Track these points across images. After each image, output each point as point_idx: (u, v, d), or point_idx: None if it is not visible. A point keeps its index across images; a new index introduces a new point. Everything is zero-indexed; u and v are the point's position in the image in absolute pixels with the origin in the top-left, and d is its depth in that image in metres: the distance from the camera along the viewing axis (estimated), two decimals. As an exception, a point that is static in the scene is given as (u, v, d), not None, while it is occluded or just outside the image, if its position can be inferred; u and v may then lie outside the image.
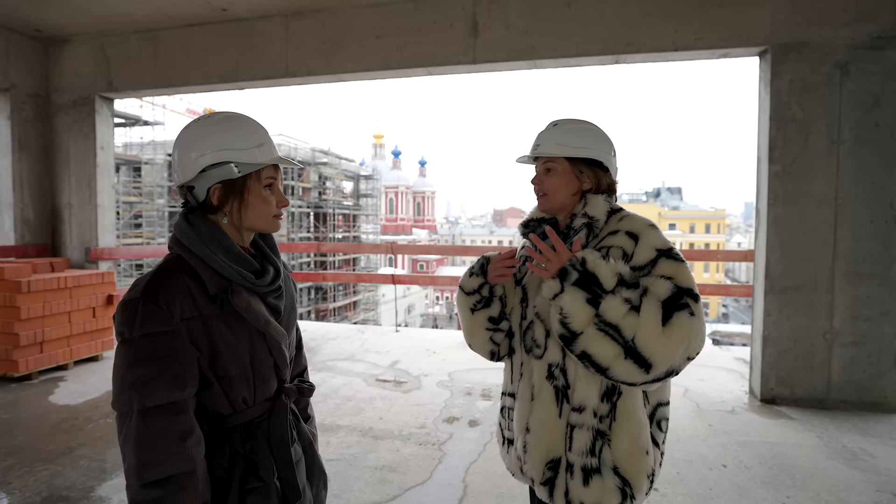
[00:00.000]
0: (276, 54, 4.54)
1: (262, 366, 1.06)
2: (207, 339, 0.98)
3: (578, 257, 1.11)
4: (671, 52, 3.80)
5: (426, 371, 4.49)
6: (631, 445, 1.15)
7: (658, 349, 1.04)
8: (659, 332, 1.04)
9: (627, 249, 1.16)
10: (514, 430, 1.28)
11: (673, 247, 1.16)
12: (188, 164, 1.02)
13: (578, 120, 1.30)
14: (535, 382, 1.23)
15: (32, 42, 5.08)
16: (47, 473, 2.71)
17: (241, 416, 1.04)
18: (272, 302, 1.09)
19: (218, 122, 1.04)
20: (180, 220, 1.05)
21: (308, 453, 1.17)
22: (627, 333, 1.05)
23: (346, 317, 32.91)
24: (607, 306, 1.06)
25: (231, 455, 1.02)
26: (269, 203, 1.06)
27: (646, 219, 1.21)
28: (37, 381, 4.23)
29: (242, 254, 1.04)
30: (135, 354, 0.93)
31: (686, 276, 1.12)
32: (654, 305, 1.06)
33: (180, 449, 0.91)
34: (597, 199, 1.23)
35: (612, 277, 1.08)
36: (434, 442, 3.11)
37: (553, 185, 1.27)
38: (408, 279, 6.13)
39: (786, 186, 3.62)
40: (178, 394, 0.93)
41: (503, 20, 4.05)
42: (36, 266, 4.53)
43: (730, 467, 2.77)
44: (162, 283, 0.97)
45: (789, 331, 3.65)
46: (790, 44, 3.56)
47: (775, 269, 3.66)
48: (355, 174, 37.36)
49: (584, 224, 1.22)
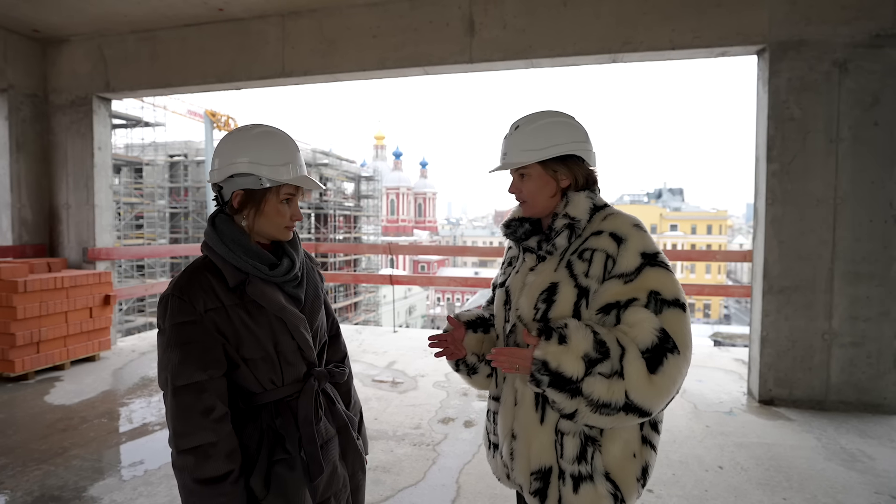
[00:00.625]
0: (272, 54, 4.53)
1: (286, 349, 1.17)
2: (231, 327, 1.11)
3: (538, 360, 1.05)
4: (668, 50, 3.78)
5: (423, 372, 4.47)
6: (623, 450, 1.13)
7: (651, 397, 1.03)
8: (648, 382, 1.02)
9: (611, 252, 1.12)
10: (499, 435, 1.26)
11: (659, 251, 1.13)
12: (221, 168, 1.16)
13: (542, 114, 1.23)
14: (518, 387, 1.21)
15: (30, 42, 5.08)
16: (40, 473, 2.70)
17: (272, 395, 1.17)
18: (291, 291, 1.21)
19: (256, 135, 1.16)
20: (207, 224, 1.19)
21: (343, 435, 1.27)
22: (618, 400, 1.02)
23: (347, 318, 32.90)
24: (588, 390, 1.03)
25: (261, 429, 1.15)
26: (282, 216, 1.18)
27: (631, 217, 1.17)
28: (33, 381, 4.22)
29: (259, 249, 1.17)
30: (167, 342, 1.10)
31: (672, 286, 1.09)
32: (637, 361, 1.03)
33: (204, 423, 1.06)
34: (578, 198, 1.19)
35: (578, 365, 1.03)
36: (429, 442, 3.09)
37: (530, 191, 1.23)
38: (406, 279, 6.11)
39: (784, 186, 3.60)
40: (201, 374, 1.07)
41: (499, 19, 4.03)
42: (33, 266, 4.53)
43: (726, 469, 2.75)
44: (186, 280, 1.12)
45: (788, 331, 3.62)
46: (788, 42, 3.54)
47: (773, 269, 3.64)
48: (356, 175, 37.37)
49: (565, 225, 1.18)
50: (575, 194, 1.20)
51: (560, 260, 1.19)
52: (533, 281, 1.21)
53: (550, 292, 1.16)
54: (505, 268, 1.38)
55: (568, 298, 1.14)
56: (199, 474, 1.05)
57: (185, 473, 1.06)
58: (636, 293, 1.08)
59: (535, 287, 1.19)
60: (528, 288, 1.21)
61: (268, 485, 1.12)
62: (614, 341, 1.04)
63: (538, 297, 1.17)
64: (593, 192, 1.23)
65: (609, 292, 1.10)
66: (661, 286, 1.08)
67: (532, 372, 1.06)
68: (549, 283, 1.17)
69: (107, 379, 4.29)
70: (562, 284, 1.15)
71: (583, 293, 1.13)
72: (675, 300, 1.08)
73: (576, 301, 1.13)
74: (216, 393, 1.09)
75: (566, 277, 1.15)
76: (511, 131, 1.24)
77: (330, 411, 1.27)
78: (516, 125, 1.24)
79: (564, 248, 1.19)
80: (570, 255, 1.17)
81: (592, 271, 1.13)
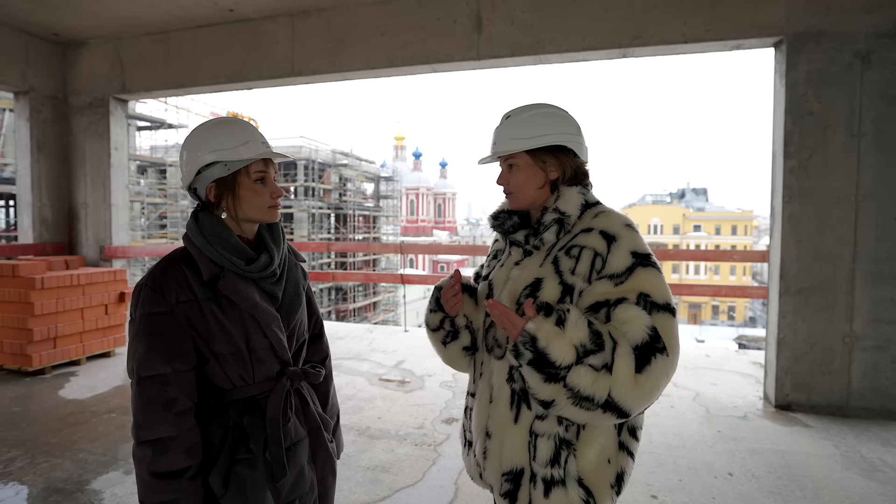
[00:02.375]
0: (282, 54, 4.56)
1: (258, 346, 1.14)
2: (203, 320, 1.09)
3: (528, 333, 0.99)
4: (680, 44, 3.68)
5: (431, 371, 4.44)
6: (598, 455, 1.08)
7: (634, 399, 0.97)
8: (633, 382, 0.97)
9: (600, 251, 1.07)
10: (473, 432, 1.22)
11: (651, 252, 1.08)
12: (186, 168, 1.15)
13: (533, 105, 1.20)
14: (495, 384, 1.16)
15: (51, 46, 5.22)
16: (47, 466, 2.75)
17: (241, 392, 1.14)
18: (268, 287, 1.18)
19: (207, 127, 1.16)
20: (190, 217, 1.18)
21: (314, 437, 1.24)
22: (601, 396, 0.97)
23: (366, 317, 33.10)
24: (574, 381, 0.97)
25: (227, 426, 1.12)
26: (260, 195, 1.15)
27: (623, 216, 1.13)
28: (49, 376, 4.32)
29: (238, 243, 1.14)
30: (136, 331, 1.09)
31: (663, 289, 1.04)
32: (627, 357, 0.97)
33: (164, 416, 1.04)
34: (570, 193, 1.15)
35: (568, 352, 0.97)
36: (430, 443, 3.05)
37: (518, 182, 1.18)
38: (417, 279, 6.09)
39: (802, 183, 3.46)
40: (165, 367, 1.06)
41: (507, 15, 3.98)
42: (51, 263, 4.64)
43: (736, 476, 2.65)
44: (161, 271, 1.11)
45: (806, 334, 3.48)
46: (807, 33, 3.40)
47: (790, 269, 3.50)
48: (376, 176, 37.58)
49: (554, 220, 1.13)
50: (567, 189, 1.16)
51: (546, 255, 1.15)
52: (517, 276, 1.17)
53: (534, 288, 1.11)
54: (490, 261, 1.34)
55: (551, 295, 1.09)
56: (156, 467, 1.03)
57: (142, 465, 1.05)
58: (626, 294, 1.03)
59: (518, 282, 1.15)
60: (511, 282, 1.17)
61: (227, 483, 1.09)
62: (608, 334, 1.00)
63: (521, 292, 1.13)
64: (585, 187, 1.19)
65: (598, 292, 1.06)
66: (652, 289, 1.03)
67: (517, 342, 1.01)
68: (534, 278, 1.13)
69: (120, 375, 4.37)
70: (546, 280, 1.11)
71: (567, 290, 1.09)
72: (666, 304, 1.03)
73: (559, 298, 1.09)
74: (180, 386, 1.07)
75: (551, 273, 1.11)
76: (502, 121, 1.21)
77: (303, 412, 1.24)
78: (507, 115, 1.21)
79: (552, 243, 1.14)
80: (557, 251, 1.13)
81: (579, 269, 1.08)
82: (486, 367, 1.21)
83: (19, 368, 4.33)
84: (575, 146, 1.17)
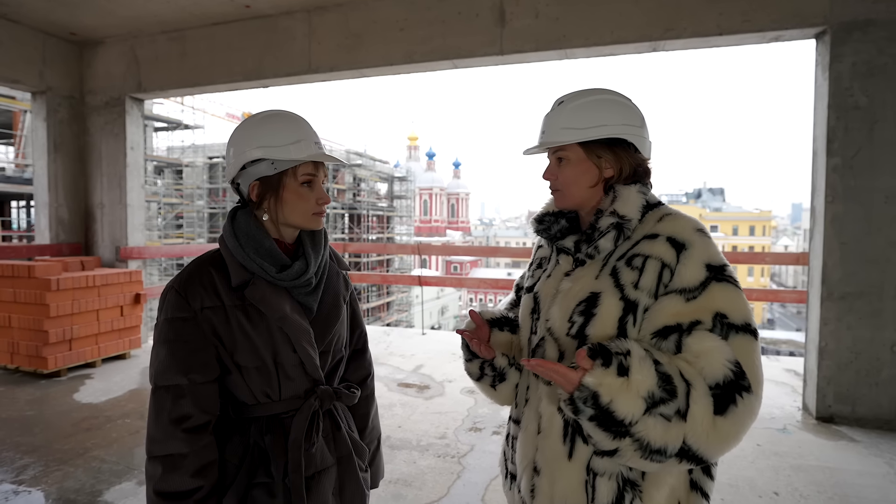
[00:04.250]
0: (298, 50, 4.46)
1: (287, 362, 1.04)
2: (228, 329, 1.01)
3: (588, 389, 0.83)
4: (715, 36, 3.50)
5: (451, 377, 4.31)
6: (668, 498, 0.93)
7: (715, 445, 0.83)
8: (712, 426, 0.82)
9: (668, 261, 0.92)
10: (518, 465, 1.06)
11: (727, 263, 0.92)
12: (232, 162, 1.07)
13: (590, 90, 1.04)
14: (544, 413, 1.01)
15: (68, 45, 5.18)
16: (59, 475, 2.67)
17: (265, 409, 1.05)
18: (301, 298, 1.08)
19: (260, 119, 1.06)
20: (227, 217, 1.10)
21: (344, 466, 1.12)
22: (674, 446, 0.82)
23: (379, 317, 33.08)
24: (642, 433, 0.82)
25: (247, 444, 1.04)
26: (305, 200, 1.06)
27: (693, 220, 0.97)
28: (65, 378, 4.27)
29: (273, 248, 1.05)
30: (158, 336, 1.02)
31: (742, 307, 0.89)
32: (704, 399, 0.82)
33: (175, 432, 0.97)
34: (629, 192, 0.99)
35: (636, 406, 0.82)
36: (454, 454, 2.92)
37: (567, 179, 1.03)
38: (434, 280, 5.96)
39: (846, 182, 3.26)
40: (181, 378, 0.98)
41: (532, 8, 3.83)
42: (67, 264, 4.60)
43: (783, 495, 2.47)
44: (188, 274, 1.03)
45: (850, 342, 3.28)
46: (853, 22, 3.20)
47: (834, 273, 3.31)
48: (389, 176, 37.55)
49: (612, 224, 0.97)
50: (624, 188, 1.00)
51: (603, 265, 0.99)
52: (568, 288, 1.01)
53: (590, 304, 0.96)
54: (534, 270, 1.18)
55: (611, 313, 0.94)
56: (163, 486, 0.96)
57: (150, 483, 0.97)
58: (699, 314, 0.88)
59: (570, 296, 1.00)
60: (561, 296, 1.02)
61: None
62: (678, 374, 0.84)
63: (574, 308, 0.98)
64: (645, 186, 1.03)
65: (667, 311, 0.90)
66: (729, 307, 0.88)
67: (573, 397, 0.85)
68: (589, 292, 0.97)
69: (135, 378, 4.30)
70: (605, 295, 0.95)
71: (629, 307, 0.93)
72: (746, 325, 0.87)
73: (621, 316, 0.93)
74: (196, 399, 0.99)
75: (610, 287, 0.95)
76: (553, 107, 1.05)
77: (333, 437, 1.12)
78: (560, 100, 1.05)
79: (609, 251, 0.99)
80: (615, 261, 0.98)
81: (643, 282, 0.93)
82: (533, 393, 1.06)
83: (35, 371, 4.29)
84: (637, 140, 1.02)
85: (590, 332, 0.95)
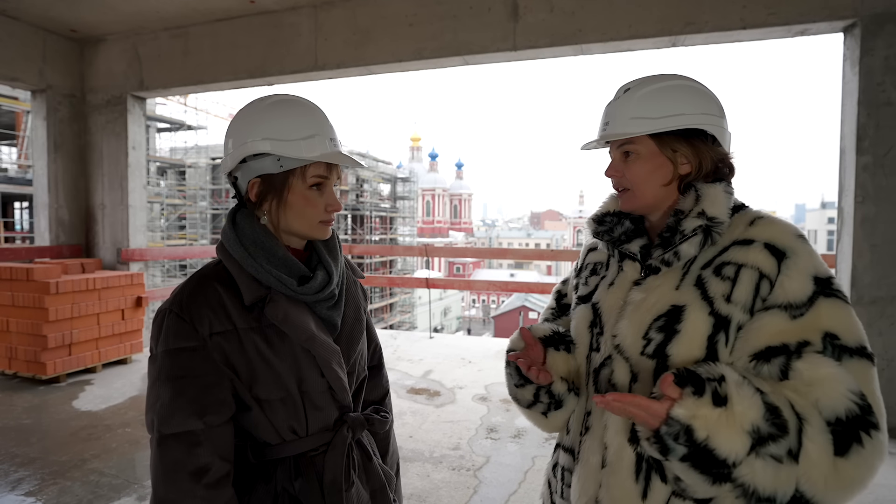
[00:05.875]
0: (304, 47, 4.34)
1: (313, 389, 0.90)
2: (244, 357, 0.85)
3: (679, 422, 0.68)
4: (738, 30, 3.35)
5: (461, 383, 4.18)
6: None
7: (835, 492, 0.69)
8: (832, 470, 0.69)
9: (767, 270, 0.79)
10: (573, 502, 0.92)
11: (832, 275, 0.79)
12: (231, 152, 0.90)
13: (660, 76, 0.90)
14: (610, 444, 0.86)
15: (69, 43, 5.07)
16: (56, 489, 2.55)
17: (292, 448, 0.90)
18: (324, 313, 0.94)
19: (269, 105, 0.90)
20: (226, 221, 0.93)
21: (379, 500, 0.99)
22: (784, 493, 0.69)
23: (382, 318, 32.98)
24: (747, 478, 0.68)
25: (275, 493, 0.89)
26: (313, 205, 0.90)
27: (792, 225, 0.83)
28: (64, 384, 4.15)
29: (288, 257, 0.90)
30: (157, 372, 0.84)
31: (855, 327, 0.75)
32: (821, 436, 0.69)
33: (194, 489, 0.80)
34: (714, 192, 0.85)
35: (740, 443, 0.67)
36: (469, 467, 2.79)
37: (637, 177, 0.89)
38: (442, 283, 5.84)
39: (878, 181, 3.12)
40: (196, 422, 0.82)
41: (546, 2, 3.69)
42: (67, 267, 4.48)
43: (820, 513, 2.33)
44: (191, 292, 0.86)
45: (882, 349, 3.13)
46: (886, 14, 3.06)
47: (864, 276, 3.16)
48: (392, 176, 37.47)
49: (699, 227, 0.83)
50: (709, 186, 0.86)
51: (684, 274, 0.85)
52: (641, 300, 0.87)
53: (671, 318, 0.82)
54: (587, 276, 1.02)
55: (699, 330, 0.80)
56: None
57: None
58: (807, 334, 0.74)
59: (645, 309, 0.86)
60: (632, 309, 0.87)
61: None
62: (787, 406, 0.70)
63: (651, 322, 0.84)
64: (729, 184, 0.89)
65: (769, 330, 0.76)
66: (841, 327, 0.74)
67: (661, 433, 0.70)
68: (670, 305, 0.83)
69: (136, 384, 4.18)
70: (690, 309, 0.81)
71: (721, 324, 0.79)
72: (861, 347, 0.74)
73: (711, 334, 0.79)
74: (214, 447, 0.83)
75: (696, 300, 0.82)
76: (618, 95, 0.91)
77: (364, 469, 0.98)
78: (626, 87, 0.91)
79: (690, 258, 0.85)
80: (699, 270, 0.84)
81: (737, 295, 0.79)
82: (597, 420, 0.91)
83: (33, 376, 4.17)
84: (717, 132, 0.88)
85: (672, 351, 0.81)
